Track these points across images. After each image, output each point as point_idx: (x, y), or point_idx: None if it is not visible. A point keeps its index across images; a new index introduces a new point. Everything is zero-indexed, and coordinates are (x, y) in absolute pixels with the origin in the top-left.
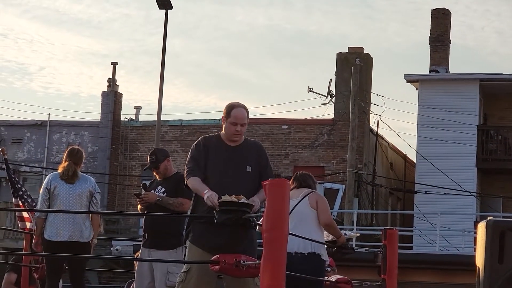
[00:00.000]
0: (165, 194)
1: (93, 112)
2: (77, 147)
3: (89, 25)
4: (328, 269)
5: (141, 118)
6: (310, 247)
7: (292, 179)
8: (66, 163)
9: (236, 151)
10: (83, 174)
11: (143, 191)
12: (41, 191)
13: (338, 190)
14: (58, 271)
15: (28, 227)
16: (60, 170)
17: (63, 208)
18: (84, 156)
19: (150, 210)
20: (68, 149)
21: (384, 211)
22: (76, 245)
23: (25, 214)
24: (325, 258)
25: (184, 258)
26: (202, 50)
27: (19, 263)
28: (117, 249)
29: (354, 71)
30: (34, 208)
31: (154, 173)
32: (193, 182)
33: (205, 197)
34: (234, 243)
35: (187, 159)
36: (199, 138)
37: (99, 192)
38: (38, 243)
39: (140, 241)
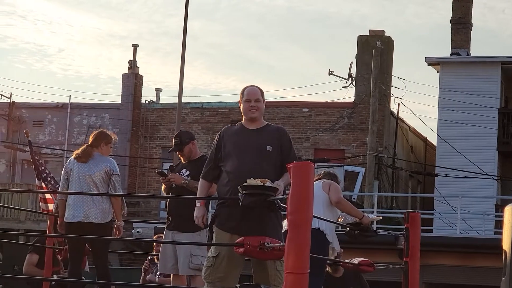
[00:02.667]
0: (189, 177)
1: (112, 94)
2: (101, 129)
3: (108, 6)
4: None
5: (161, 100)
6: (316, 223)
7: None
8: (88, 143)
9: (256, 133)
10: (101, 155)
11: (169, 173)
12: (62, 173)
13: (358, 173)
14: (78, 252)
15: (50, 208)
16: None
17: (74, 188)
18: (104, 136)
19: (174, 193)
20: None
21: (405, 194)
22: (92, 227)
23: (48, 195)
24: (329, 239)
25: (210, 242)
26: (222, 31)
27: (41, 244)
28: (138, 232)
29: (375, 54)
30: (54, 190)
31: (179, 155)
32: (199, 184)
33: (196, 209)
34: (260, 226)
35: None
36: (221, 130)
37: (117, 174)
38: (62, 225)
39: (161, 223)
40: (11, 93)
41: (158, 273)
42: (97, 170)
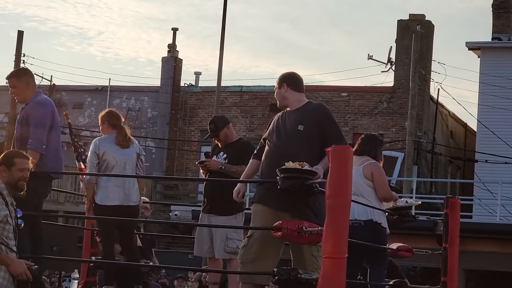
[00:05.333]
0: (226, 160)
1: (151, 77)
2: (108, 109)
3: None
4: None
5: (200, 84)
6: (369, 214)
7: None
8: (121, 127)
9: (291, 114)
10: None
11: (209, 164)
12: (89, 156)
13: (397, 158)
14: (112, 235)
15: None
16: (106, 133)
17: (115, 172)
18: None
19: (211, 176)
20: (108, 112)
21: (444, 180)
22: (131, 209)
23: None
24: (385, 225)
25: (247, 223)
26: (261, 15)
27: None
28: (175, 214)
29: (415, 39)
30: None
31: (215, 140)
32: (249, 164)
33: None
34: (298, 206)
35: None
36: None
37: (144, 154)
38: (90, 208)
39: (199, 206)
40: (51, 76)
41: None
42: (132, 153)
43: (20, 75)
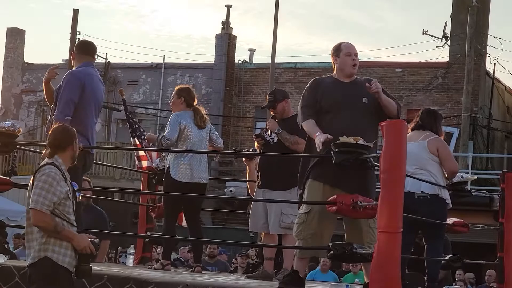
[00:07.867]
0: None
1: (205, 54)
2: (188, 86)
3: None
4: None
5: (254, 60)
6: (436, 189)
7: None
8: (197, 108)
9: (351, 86)
10: None
11: (269, 122)
12: (172, 125)
13: (453, 133)
14: (176, 211)
15: (144, 165)
16: (177, 109)
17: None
18: None
19: (266, 151)
20: (187, 89)
21: (500, 155)
22: (203, 187)
23: (141, 153)
24: (448, 201)
25: (302, 199)
26: None
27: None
28: (230, 191)
29: (470, 13)
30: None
31: (272, 113)
32: (307, 125)
33: (316, 139)
34: (356, 181)
35: (300, 102)
36: (311, 80)
37: (215, 134)
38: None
39: (254, 182)
40: (106, 54)
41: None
42: (207, 133)
43: (77, 45)
